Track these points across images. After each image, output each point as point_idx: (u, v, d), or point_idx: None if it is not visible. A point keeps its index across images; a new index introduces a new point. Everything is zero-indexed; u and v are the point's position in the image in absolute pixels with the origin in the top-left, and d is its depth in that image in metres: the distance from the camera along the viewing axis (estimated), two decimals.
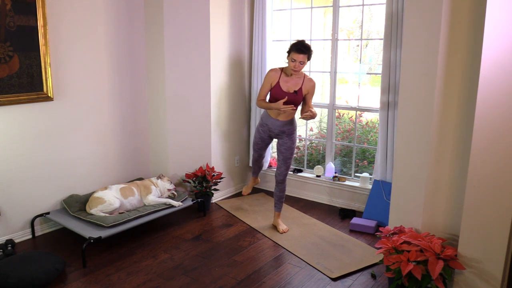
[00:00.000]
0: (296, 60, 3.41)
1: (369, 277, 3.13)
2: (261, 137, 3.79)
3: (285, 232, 3.80)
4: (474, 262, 2.58)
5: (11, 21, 3.31)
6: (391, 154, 3.91)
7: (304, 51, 3.39)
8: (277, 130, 3.65)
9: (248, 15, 4.70)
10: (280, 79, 3.54)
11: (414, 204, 2.91)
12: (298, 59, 3.40)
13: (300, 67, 3.45)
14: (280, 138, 3.71)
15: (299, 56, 3.39)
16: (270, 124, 3.65)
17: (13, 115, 3.44)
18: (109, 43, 4.00)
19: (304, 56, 3.40)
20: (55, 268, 2.98)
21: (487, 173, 2.47)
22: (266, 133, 3.73)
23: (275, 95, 3.55)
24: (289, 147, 3.70)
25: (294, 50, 3.41)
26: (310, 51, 3.45)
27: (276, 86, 3.54)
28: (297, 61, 3.41)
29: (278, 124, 3.62)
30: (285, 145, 3.70)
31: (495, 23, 2.35)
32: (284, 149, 3.71)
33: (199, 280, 3.06)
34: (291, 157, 3.75)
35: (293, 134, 3.69)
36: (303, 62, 3.43)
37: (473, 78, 2.58)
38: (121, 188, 3.79)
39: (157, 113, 4.41)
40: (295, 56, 3.40)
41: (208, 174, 4.24)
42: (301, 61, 3.41)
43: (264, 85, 3.62)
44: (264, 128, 3.72)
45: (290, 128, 3.65)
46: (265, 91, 3.62)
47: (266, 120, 3.67)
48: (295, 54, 3.40)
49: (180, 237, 3.74)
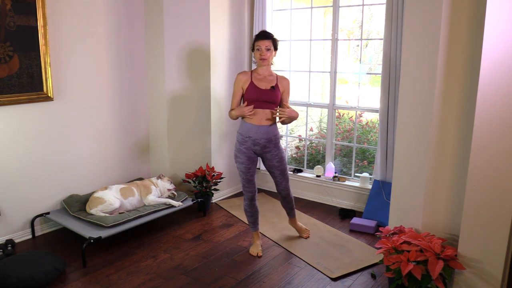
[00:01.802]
0: (261, 47, 3.18)
1: (369, 277, 3.13)
2: (248, 157, 3.29)
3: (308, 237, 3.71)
4: (474, 262, 2.58)
5: (11, 21, 3.31)
6: (391, 154, 3.91)
7: (267, 36, 3.20)
8: (263, 140, 3.25)
9: (248, 15, 4.70)
10: (252, 79, 3.25)
11: (414, 204, 2.91)
12: (263, 45, 3.17)
13: (267, 54, 3.19)
14: (267, 151, 3.31)
15: (263, 42, 3.17)
16: (254, 133, 3.23)
17: (13, 115, 3.44)
18: (109, 43, 4.00)
19: (268, 41, 3.18)
20: (55, 268, 2.98)
21: (487, 173, 2.47)
22: (250, 149, 3.28)
23: (251, 95, 3.22)
24: (281, 158, 3.36)
25: (256, 39, 3.23)
26: (273, 37, 3.23)
27: (250, 87, 3.24)
28: (262, 48, 3.18)
29: (263, 130, 3.24)
30: (276, 158, 3.34)
31: (495, 23, 2.35)
32: (276, 162, 3.35)
33: (199, 280, 3.06)
34: (287, 167, 3.43)
35: (279, 142, 3.36)
36: (269, 49, 3.19)
37: (473, 78, 2.58)
38: (121, 188, 3.79)
39: (157, 113, 4.41)
40: (258, 43, 3.19)
41: (208, 174, 4.24)
42: (266, 46, 3.17)
43: (235, 92, 3.31)
44: (247, 144, 3.27)
45: (276, 135, 3.31)
46: (237, 98, 3.30)
47: (247, 132, 3.25)
48: (258, 41, 3.19)
49: (180, 237, 3.74)
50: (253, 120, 3.25)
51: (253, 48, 3.26)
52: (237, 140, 3.34)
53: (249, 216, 3.46)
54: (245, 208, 3.45)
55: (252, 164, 3.33)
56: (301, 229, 3.76)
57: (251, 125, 3.25)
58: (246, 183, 3.35)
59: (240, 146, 3.30)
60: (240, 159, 3.31)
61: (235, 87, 3.31)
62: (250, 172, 3.33)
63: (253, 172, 3.35)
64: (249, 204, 3.41)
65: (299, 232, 3.76)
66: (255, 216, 3.46)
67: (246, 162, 3.30)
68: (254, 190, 3.39)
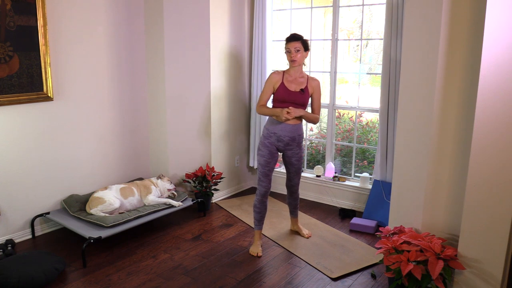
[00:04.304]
0: (291, 49, 3.26)
1: (369, 277, 3.13)
2: (270, 151, 3.37)
3: (310, 236, 3.73)
4: (474, 262, 2.58)
5: (11, 21, 3.31)
6: (391, 154, 3.91)
7: (297, 38, 3.27)
8: (287, 138, 3.34)
9: (248, 15, 4.70)
10: (283, 80, 3.34)
11: (414, 204, 2.91)
12: (292, 47, 3.25)
13: (297, 56, 3.27)
14: (289, 149, 3.41)
15: (293, 44, 3.25)
16: (279, 131, 3.33)
17: (13, 115, 3.44)
18: (109, 43, 4.00)
19: (298, 43, 3.26)
20: (55, 268, 2.98)
21: (487, 173, 2.47)
22: (274, 145, 3.37)
23: (281, 96, 3.32)
24: (300, 157, 3.47)
25: (286, 41, 3.30)
26: (303, 38, 3.30)
27: (280, 87, 3.32)
28: (292, 50, 3.26)
29: (288, 129, 3.32)
30: (296, 156, 3.44)
31: (495, 23, 2.35)
32: (295, 160, 3.46)
33: (199, 280, 3.06)
34: (302, 166, 3.55)
35: (302, 142, 3.47)
36: (299, 50, 3.27)
37: (473, 78, 2.58)
38: (121, 188, 3.79)
39: (157, 113, 4.41)
40: (289, 45, 3.27)
41: (208, 174, 4.24)
42: (296, 47, 3.25)
43: (265, 89, 3.38)
44: (271, 139, 3.36)
45: (300, 135, 3.41)
46: (267, 95, 3.38)
47: (274, 128, 3.34)
48: (288, 43, 3.28)
49: (180, 237, 3.74)
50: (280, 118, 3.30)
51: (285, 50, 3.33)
52: (263, 134, 3.43)
53: (256, 213, 3.47)
54: (255, 204, 3.47)
55: (272, 159, 3.40)
56: (301, 229, 3.77)
57: (277, 122, 3.34)
58: (263, 176, 3.40)
59: (265, 140, 3.39)
60: (262, 152, 3.39)
61: (266, 85, 3.39)
62: (268, 167, 3.39)
63: (271, 167, 3.42)
64: (260, 200, 3.44)
65: (300, 233, 3.77)
66: (263, 214, 3.48)
67: (267, 155, 3.38)
68: (268, 186, 3.42)
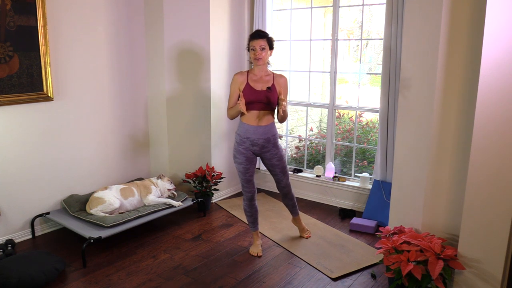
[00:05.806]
0: (256, 47, 3.14)
1: (369, 277, 3.13)
2: (247, 157, 3.28)
3: (309, 237, 3.73)
4: (474, 262, 2.58)
5: (11, 21, 3.31)
6: (391, 154, 3.91)
7: (262, 36, 3.16)
8: (261, 141, 3.24)
9: (248, 15, 4.70)
10: (248, 80, 3.22)
11: (414, 204, 2.91)
12: (257, 45, 3.13)
13: (262, 54, 3.15)
14: (266, 151, 3.31)
15: (258, 42, 3.13)
16: (252, 135, 3.22)
17: (13, 115, 3.44)
18: (109, 43, 4.00)
19: (263, 41, 3.14)
20: (55, 268, 2.98)
21: (487, 173, 2.47)
22: (249, 150, 3.27)
23: (247, 96, 3.18)
24: (281, 156, 3.36)
25: (250, 38, 3.19)
26: (268, 36, 3.19)
27: (246, 88, 3.20)
28: (257, 48, 3.14)
29: (260, 131, 3.22)
30: (275, 156, 3.34)
31: (495, 23, 2.35)
32: (276, 161, 3.35)
33: (199, 280, 3.06)
34: (286, 164, 3.44)
35: (277, 141, 3.35)
36: (264, 48, 3.15)
37: (473, 78, 2.58)
38: (121, 188, 3.79)
39: (157, 113, 4.41)
40: (253, 42, 3.15)
41: (208, 174, 4.24)
42: (261, 45, 3.13)
43: (231, 92, 3.28)
44: (245, 145, 3.26)
45: (274, 135, 3.30)
46: (234, 98, 3.26)
47: (245, 133, 3.24)
48: (253, 41, 3.15)
49: (180, 237, 3.74)
50: (251, 121, 3.22)
51: (248, 48, 3.23)
52: (236, 141, 3.33)
53: (248, 216, 3.46)
54: (245, 208, 3.45)
55: (251, 164, 3.32)
56: (303, 229, 3.75)
57: (249, 125, 3.23)
58: (245, 183, 3.34)
59: (239, 146, 3.29)
60: (239, 159, 3.30)
61: (232, 88, 3.29)
62: (248, 173, 3.32)
63: (252, 172, 3.35)
64: (248, 204, 3.41)
65: (300, 232, 3.76)
66: (255, 216, 3.46)
67: (244, 162, 3.29)
68: (253, 190, 3.38)
